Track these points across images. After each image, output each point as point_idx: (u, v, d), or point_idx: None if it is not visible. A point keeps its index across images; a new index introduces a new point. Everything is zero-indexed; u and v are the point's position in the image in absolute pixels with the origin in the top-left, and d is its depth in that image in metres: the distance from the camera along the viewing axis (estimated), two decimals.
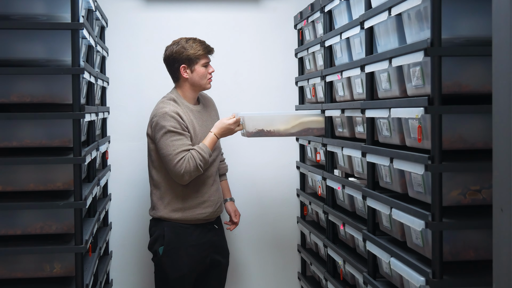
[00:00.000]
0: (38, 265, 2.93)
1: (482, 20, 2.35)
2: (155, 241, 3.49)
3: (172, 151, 3.33)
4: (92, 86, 3.43)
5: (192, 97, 3.56)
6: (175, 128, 3.36)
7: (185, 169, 3.32)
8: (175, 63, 3.51)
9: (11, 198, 2.91)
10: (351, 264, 3.19)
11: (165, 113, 3.38)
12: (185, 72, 3.50)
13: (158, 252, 3.45)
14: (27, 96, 2.92)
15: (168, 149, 3.34)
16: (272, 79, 4.35)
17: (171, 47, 3.54)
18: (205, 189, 3.50)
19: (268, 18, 4.35)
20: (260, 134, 3.48)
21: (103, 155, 4.05)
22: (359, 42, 3.09)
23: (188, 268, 3.45)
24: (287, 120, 3.50)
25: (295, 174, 4.40)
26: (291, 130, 3.51)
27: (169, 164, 3.34)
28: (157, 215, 3.49)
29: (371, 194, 2.85)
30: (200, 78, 3.52)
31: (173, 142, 3.34)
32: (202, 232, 3.52)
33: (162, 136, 3.36)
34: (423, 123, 2.41)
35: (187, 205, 3.46)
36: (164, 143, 3.35)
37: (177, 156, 3.32)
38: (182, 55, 3.48)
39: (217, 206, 3.58)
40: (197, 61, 3.50)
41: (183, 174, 3.32)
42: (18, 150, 2.95)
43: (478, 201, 2.41)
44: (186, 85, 3.53)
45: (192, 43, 3.51)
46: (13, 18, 2.91)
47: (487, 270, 2.10)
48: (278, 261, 4.40)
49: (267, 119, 3.48)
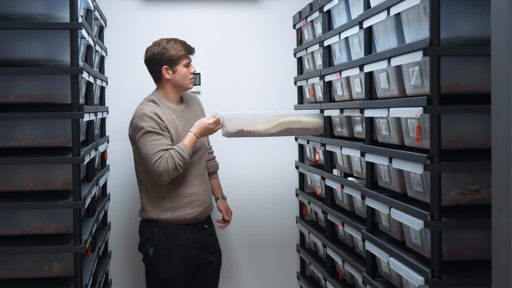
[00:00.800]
0: (37, 265, 2.93)
1: (481, 19, 2.35)
2: (145, 242, 3.48)
3: (151, 151, 3.33)
4: (91, 86, 3.43)
5: (175, 97, 3.56)
6: (153, 128, 3.36)
7: (163, 169, 3.31)
8: (156, 64, 3.50)
9: (10, 198, 2.91)
10: (350, 264, 3.19)
11: (144, 114, 3.39)
12: (167, 73, 3.50)
13: (148, 253, 3.45)
14: (26, 96, 2.92)
15: (146, 149, 3.34)
16: (271, 78, 4.35)
17: (152, 48, 3.53)
18: (193, 189, 3.50)
19: (267, 18, 4.35)
20: (240, 134, 3.47)
21: (102, 155, 4.05)
22: (358, 41, 3.09)
23: (179, 268, 3.45)
24: (267, 120, 3.48)
25: (294, 174, 4.40)
26: (271, 130, 3.49)
27: (148, 164, 3.34)
28: (147, 216, 3.49)
29: (370, 194, 2.85)
30: (182, 78, 3.51)
31: (151, 142, 3.34)
32: (192, 232, 3.51)
33: (140, 137, 3.37)
34: (422, 122, 2.41)
35: (175, 205, 3.46)
36: (143, 143, 3.36)
37: (155, 156, 3.32)
38: (163, 56, 3.48)
39: (207, 205, 3.57)
40: (178, 62, 3.50)
41: (161, 174, 3.32)
42: (17, 150, 2.95)
43: (477, 201, 2.41)
44: (168, 85, 3.53)
45: (173, 44, 3.50)
46: (12, 18, 2.91)
47: (486, 269, 2.10)
48: (277, 261, 4.40)
49: (246, 119, 3.47)
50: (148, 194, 3.49)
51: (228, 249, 4.31)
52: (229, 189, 4.27)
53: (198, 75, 4.26)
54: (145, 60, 3.57)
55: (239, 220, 4.34)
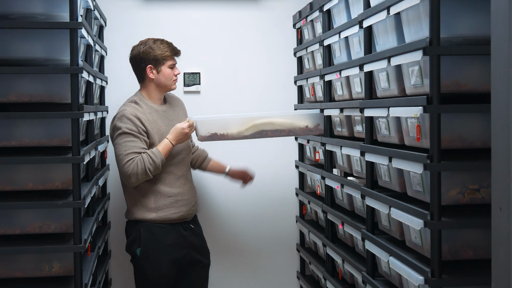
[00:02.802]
0: (37, 264, 2.93)
1: (480, 19, 2.35)
2: (132, 243, 3.48)
3: (123, 151, 3.33)
4: (90, 85, 3.43)
5: (158, 98, 3.55)
6: (130, 130, 3.35)
7: (132, 171, 3.31)
8: (141, 63, 3.50)
9: (10, 198, 2.91)
10: (350, 263, 3.19)
11: (123, 115, 3.39)
12: (151, 72, 3.49)
13: (136, 254, 3.45)
14: (26, 95, 2.92)
15: (120, 149, 3.35)
16: (271, 78, 4.35)
17: (138, 47, 3.53)
18: (177, 189, 3.49)
19: (267, 17, 4.34)
20: (214, 138, 3.46)
21: (101, 154, 4.04)
22: (358, 41, 3.09)
23: (167, 267, 3.44)
24: (240, 123, 3.46)
25: (294, 174, 4.40)
26: (245, 133, 3.47)
27: (119, 164, 3.36)
28: (132, 217, 3.49)
29: (370, 193, 2.85)
30: (166, 79, 3.51)
31: (126, 143, 3.34)
32: (178, 232, 3.51)
33: (117, 137, 3.38)
34: (421, 122, 2.41)
35: (160, 205, 3.45)
36: (118, 143, 3.37)
37: (126, 157, 3.32)
38: (149, 55, 3.47)
39: (192, 205, 3.57)
40: (163, 62, 3.49)
41: (130, 176, 3.32)
42: (17, 149, 2.95)
43: (477, 200, 2.41)
44: (152, 85, 3.52)
45: (159, 44, 3.50)
46: (11, 18, 2.90)
47: (486, 269, 2.10)
48: (277, 260, 4.40)
49: (219, 122, 3.46)
50: (132, 195, 3.49)
51: (228, 248, 4.31)
52: (229, 188, 4.27)
53: (198, 74, 4.26)
54: (130, 58, 3.56)
55: (239, 219, 4.34)
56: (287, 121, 3.53)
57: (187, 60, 4.19)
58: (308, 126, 3.55)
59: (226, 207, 4.32)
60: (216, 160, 3.91)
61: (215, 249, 4.11)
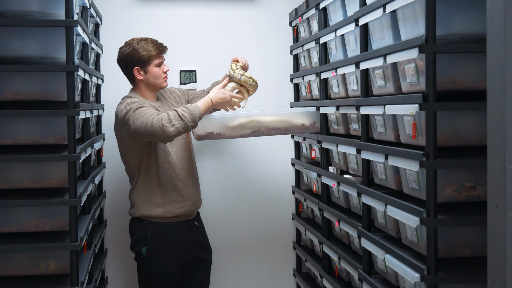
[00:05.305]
0: (33, 262, 2.92)
1: (476, 17, 2.35)
2: (138, 242, 3.48)
3: (149, 116, 3.20)
4: (86, 83, 3.43)
5: (151, 96, 3.54)
6: (141, 105, 3.29)
7: (164, 118, 3.16)
8: (128, 66, 3.48)
9: (5, 196, 2.91)
10: (346, 260, 3.20)
11: (127, 103, 3.33)
12: (139, 74, 3.47)
13: (141, 253, 3.45)
14: (21, 93, 2.91)
15: (142, 117, 3.21)
16: (267, 76, 4.34)
17: (123, 49, 3.50)
18: (182, 183, 3.50)
19: (263, 15, 4.34)
20: (210, 137, 3.48)
21: (98, 152, 4.04)
22: (354, 39, 3.09)
23: (172, 266, 3.45)
24: (236, 121, 3.48)
25: (290, 171, 4.40)
26: (241, 132, 3.51)
27: (147, 126, 3.18)
28: (138, 214, 3.48)
29: (366, 191, 2.86)
30: (155, 78, 3.48)
31: (146, 111, 3.24)
32: (184, 230, 3.52)
33: (132, 114, 3.25)
34: (417, 120, 2.41)
35: (166, 200, 3.45)
36: (136, 117, 3.22)
37: (152, 116, 3.19)
38: (134, 58, 3.44)
39: (196, 199, 3.59)
40: (150, 62, 3.46)
41: (163, 125, 3.15)
42: (13, 147, 2.95)
43: (473, 198, 2.42)
44: (142, 85, 3.51)
45: (143, 44, 3.46)
46: (7, 15, 2.90)
47: (482, 266, 2.11)
48: (274, 258, 4.40)
49: (216, 121, 3.48)
50: (138, 190, 3.47)
51: (224, 246, 4.31)
52: (226, 187, 4.27)
53: (194, 72, 4.25)
54: (117, 61, 3.54)
55: (236, 217, 4.33)
56: (283, 119, 3.54)
57: (183, 58, 4.19)
58: (305, 124, 3.56)
59: (222, 205, 4.32)
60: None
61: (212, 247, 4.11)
